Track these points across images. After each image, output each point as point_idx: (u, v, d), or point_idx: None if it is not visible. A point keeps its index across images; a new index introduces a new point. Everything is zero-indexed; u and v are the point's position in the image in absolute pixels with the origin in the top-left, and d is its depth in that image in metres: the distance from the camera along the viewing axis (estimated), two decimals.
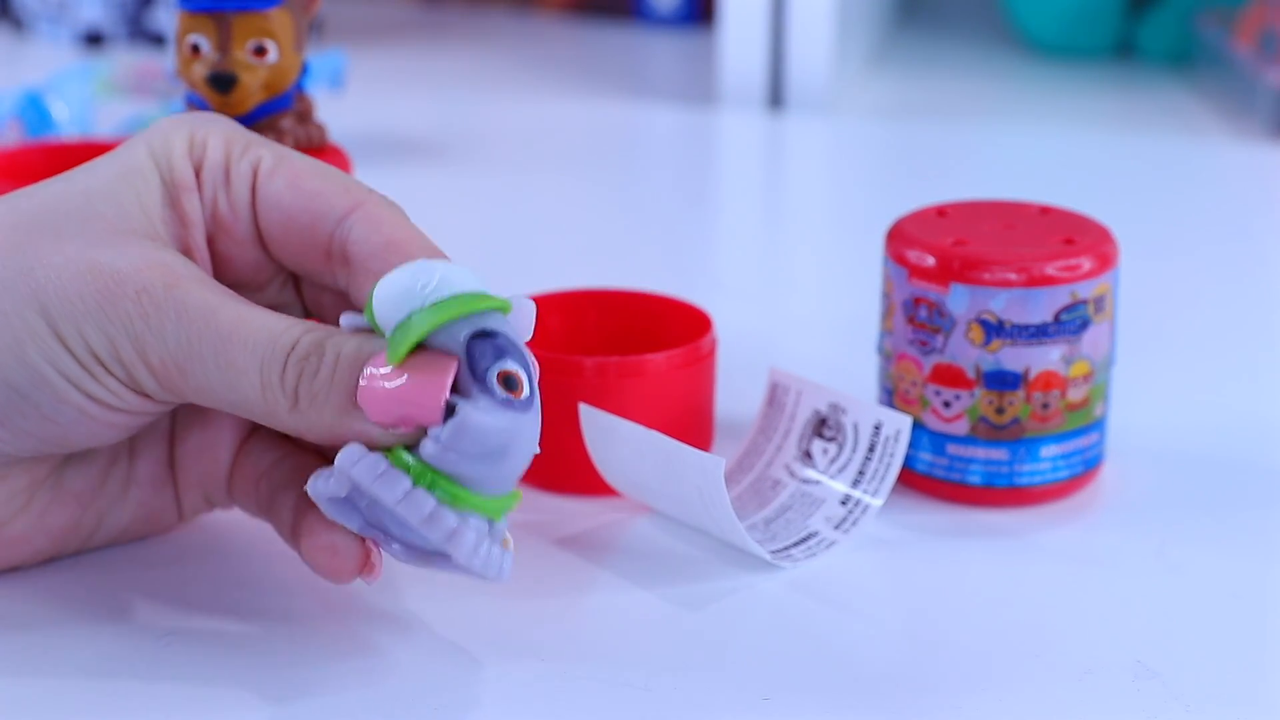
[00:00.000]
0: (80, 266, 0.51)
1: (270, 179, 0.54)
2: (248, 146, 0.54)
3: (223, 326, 0.50)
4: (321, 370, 0.50)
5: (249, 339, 0.50)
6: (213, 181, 0.54)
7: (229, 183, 0.54)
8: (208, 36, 0.63)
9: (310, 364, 0.50)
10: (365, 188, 0.54)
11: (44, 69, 1.05)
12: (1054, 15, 1.22)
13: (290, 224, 0.54)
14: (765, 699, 0.51)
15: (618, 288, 0.68)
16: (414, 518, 0.48)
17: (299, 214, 0.54)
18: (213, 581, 0.56)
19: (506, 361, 0.49)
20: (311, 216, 0.54)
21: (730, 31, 1.09)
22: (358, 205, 0.53)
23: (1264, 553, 0.60)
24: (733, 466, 0.62)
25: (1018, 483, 0.62)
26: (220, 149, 0.54)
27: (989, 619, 0.56)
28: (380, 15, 1.32)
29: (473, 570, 0.49)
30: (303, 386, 0.50)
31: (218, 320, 0.50)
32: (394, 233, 0.53)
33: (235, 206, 0.54)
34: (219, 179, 0.54)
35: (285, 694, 0.51)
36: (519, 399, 0.49)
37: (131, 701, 0.51)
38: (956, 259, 0.61)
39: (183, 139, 0.54)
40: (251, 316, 0.51)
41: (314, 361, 0.50)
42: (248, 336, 0.50)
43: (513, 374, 0.49)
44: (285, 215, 0.54)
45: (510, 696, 0.51)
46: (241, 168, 0.54)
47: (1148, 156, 1.06)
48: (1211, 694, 0.52)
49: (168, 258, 0.51)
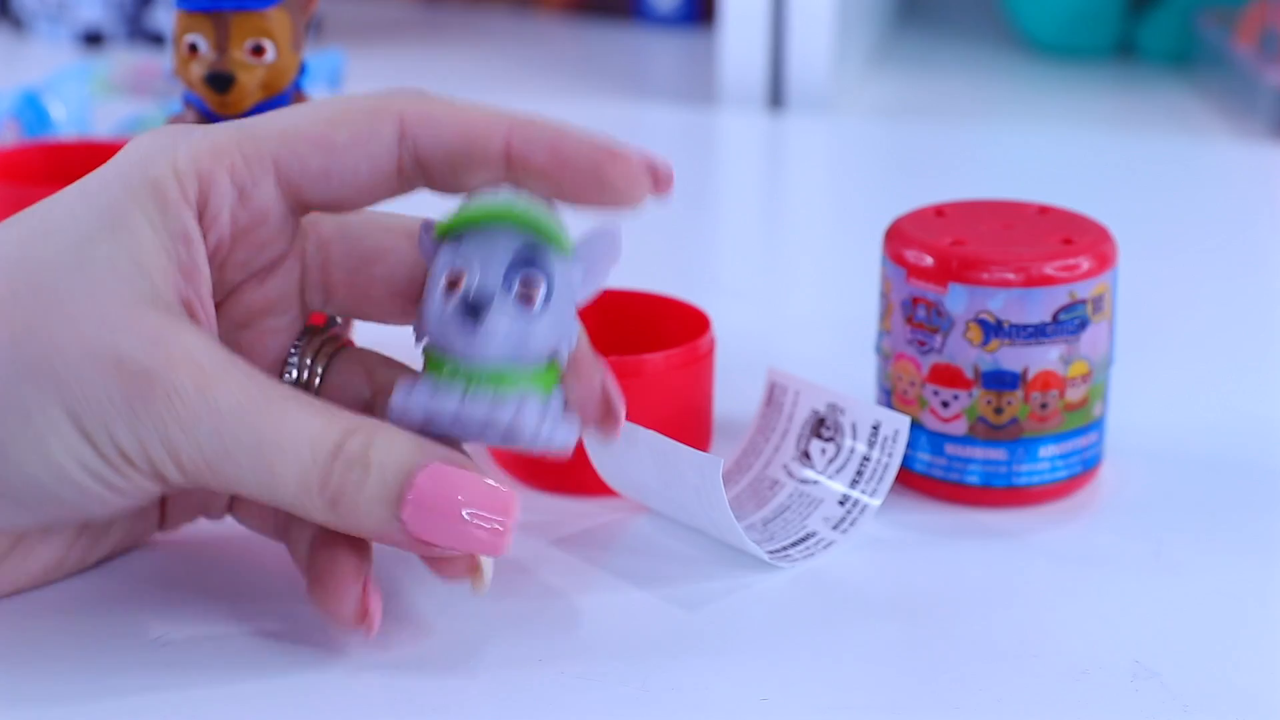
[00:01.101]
0: (104, 360, 0.48)
1: (304, 169, 0.51)
2: (251, 156, 0.51)
3: (260, 430, 0.48)
4: (367, 483, 0.49)
5: (287, 445, 0.49)
6: (228, 209, 0.51)
7: (248, 199, 0.51)
8: (205, 36, 0.63)
9: (354, 475, 0.49)
10: (378, 96, 0.52)
11: (43, 68, 1.05)
12: (1054, 15, 1.22)
13: (352, 185, 0.52)
14: (763, 699, 0.51)
15: (616, 287, 0.67)
16: (475, 430, 0.50)
17: (354, 170, 0.51)
18: (205, 585, 0.56)
19: (529, 279, 0.51)
20: (369, 166, 0.51)
21: (730, 31, 1.09)
22: (399, 118, 0.51)
23: (1262, 553, 0.60)
24: (731, 466, 0.62)
25: (1016, 483, 0.62)
26: (223, 173, 0.51)
27: (987, 619, 0.56)
28: (379, 14, 1.32)
29: (539, 444, 0.51)
30: (343, 497, 0.49)
31: (254, 424, 0.48)
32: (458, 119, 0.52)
33: (261, 211, 0.51)
34: (235, 205, 0.51)
35: (282, 695, 0.51)
36: (532, 306, 0.50)
37: (126, 705, 0.50)
38: (955, 259, 0.61)
39: (170, 182, 0.50)
40: (288, 417, 0.49)
41: (358, 473, 0.49)
42: (286, 442, 0.49)
43: (531, 288, 0.50)
44: (341, 182, 0.52)
45: (508, 696, 0.51)
46: (262, 183, 0.51)
47: (1148, 156, 1.06)
48: (1210, 694, 0.52)
49: (191, 346, 0.49)
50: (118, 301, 0.49)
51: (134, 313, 0.49)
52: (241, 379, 0.49)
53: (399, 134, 0.52)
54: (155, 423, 0.48)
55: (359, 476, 0.49)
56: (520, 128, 0.51)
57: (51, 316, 0.49)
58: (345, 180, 0.52)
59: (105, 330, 0.48)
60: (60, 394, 0.48)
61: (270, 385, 0.50)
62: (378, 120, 0.52)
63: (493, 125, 0.52)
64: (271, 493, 0.49)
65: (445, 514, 0.49)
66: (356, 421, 0.50)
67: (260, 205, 0.52)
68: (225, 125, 0.52)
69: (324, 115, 0.52)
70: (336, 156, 0.51)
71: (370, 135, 0.51)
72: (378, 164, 0.52)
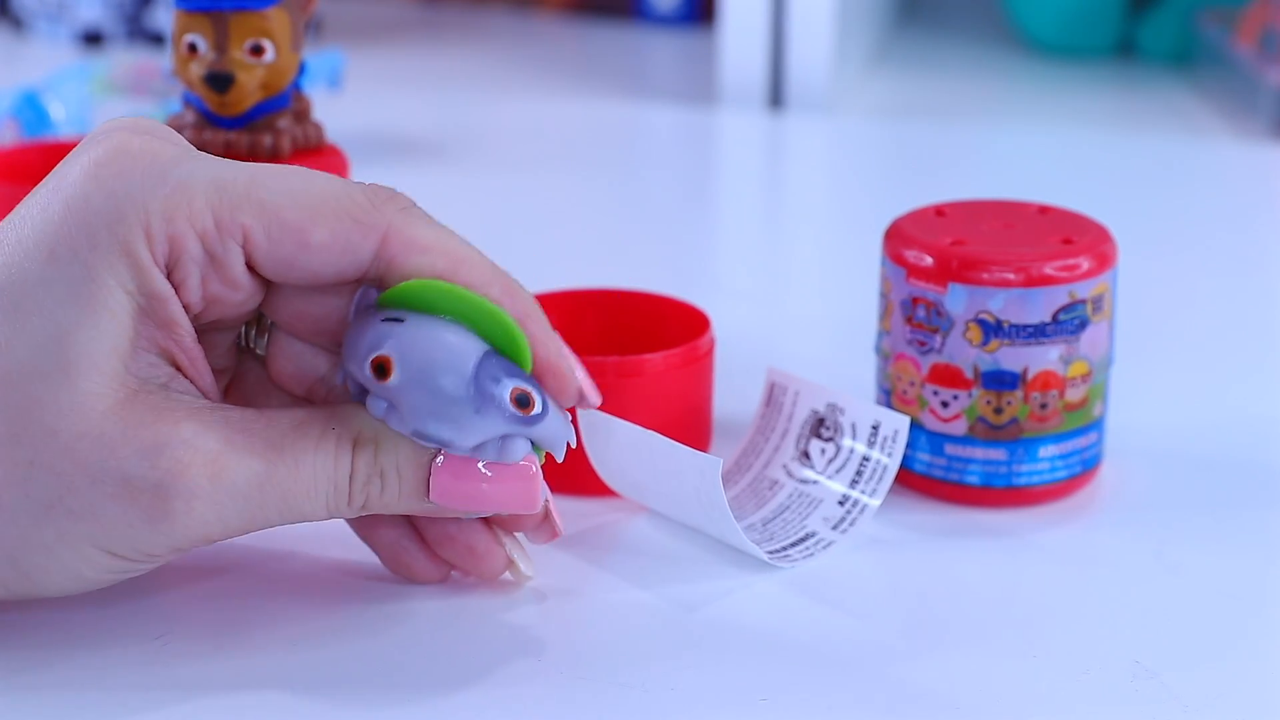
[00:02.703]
0: (114, 488, 0.48)
1: (272, 251, 0.49)
2: (223, 222, 0.49)
3: (280, 488, 0.49)
4: (387, 491, 0.51)
5: (308, 492, 0.50)
6: (198, 272, 0.49)
7: (219, 265, 0.50)
8: (205, 36, 0.63)
9: (374, 488, 0.50)
10: (367, 203, 0.50)
11: (43, 68, 1.05)
12: (1054, 15, 1.21)
13: (314, 278, 0.50)
14: (762, 699, 0.51)
15: (616, 287, 0.67)
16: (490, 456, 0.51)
17: (321, 268, 0.50)
18: (205, 584, 0.56)
19: (517, 380, 0.50)
20: (336, 269, 0.50)
21: (730, 31, 1.09)
22: (381, 237, 0.50)
23: (1262, 553, 0.60)
24: (730, 466, 0.62)
25: (1016, 483, 0.62)
26: (194, 238, 0.49)
27: (987, 619, 0.56)
28: (378, 14, 1.32)
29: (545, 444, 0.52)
30: (371, 506, 0.51)
31: (275, 487, 0.49)
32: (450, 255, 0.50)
33: (232, 281, 0.50)
34: (204, 267, 0.49)
35: (281, 694, 0.51)
36: (530, 414, 0.50)
37: (129, 703, 0.50)
38: (955, 259, 0.61)
39: (141, 244, 0.48)
40: (302, 466, 0.49)
41: (378, 485, 0.50)
42: (305, 492, 0.50)
43: (525, 391, 0.50)
44: (305, 274, 0.50)
45: (507, 696, 0.51)
46: (231, 251, 0.49)
47: (1148, 156, 1.06)
48: (1209, 694, 0.52)
49: (192, 436, 0.48)
50: (109, 410, 0.48)
51: (128, 420, 0.48)
52: (249, 444, 0.49)
53: (377, 252, 0.50)
54: (181, 528, 0.49)
55: (378, 487, 0.51)
56: (503, 293, 0.51)
57: (50, 449, 0.48)
58: (306, 274, 0.50)
59: (106, 454, 0.48)
60: (81, 529, 0.48)
61: (273, 433, 0.50)
62: (360, 233, 0.50)
63: (480, 277, 0.50)
64: (304, 520, 0.51)
65: (470, 485, 0.51)
66: (354, 428, 0.50)
67: (228, 274, 0.50)
68: (203, 167, 0.50)
69: (307, 202, 0.49)
70: (308, 253, 0.50)
71: (348, 246, 0.50)
72: (344, 272, 0.50)
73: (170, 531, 0.49)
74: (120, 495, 0.48)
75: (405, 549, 0.55)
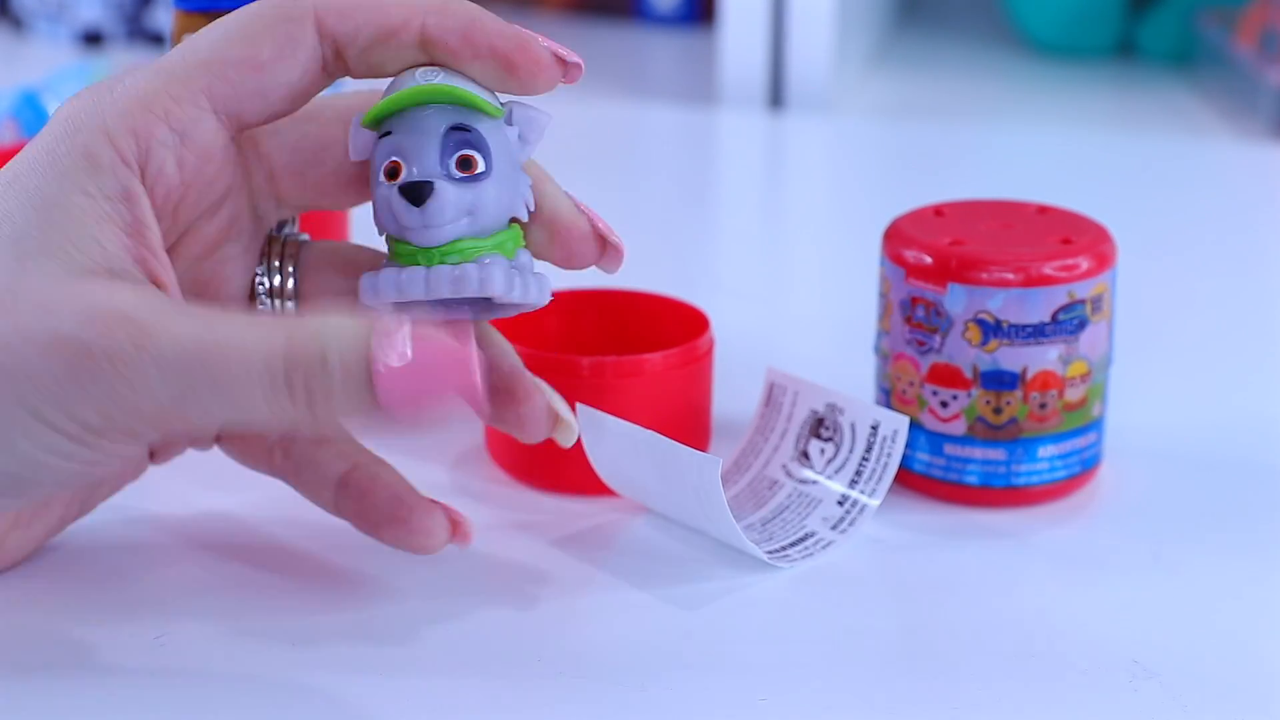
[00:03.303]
0: (42, 343, 0.48)
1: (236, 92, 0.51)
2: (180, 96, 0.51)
3: (208, 363, 0.48)
4: (334, 378, 0.48)
5: (237, 369, 0.48)
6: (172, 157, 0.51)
7: (190, 140, 0.51)
8: None
9: (317, 375, 0.49)
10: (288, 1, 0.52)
11: (43, 68, 1.05)
12: (1054, 15, 1.21)
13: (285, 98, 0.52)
14: (762, 699, 0.51)
15: (616, 287, 0.67)
16: (446, 292, 0.51)
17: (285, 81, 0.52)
18: (205, 582, 0.56)
19: (464, 149, 0.51)
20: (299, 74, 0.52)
21: (730, 31, 1.09)
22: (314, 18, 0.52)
23: (1261, 553, 0.60)
24: (730, 466, 0.62)
25: (1015, 483, 0.62)
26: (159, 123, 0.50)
27: (986, 619, 0.56)
28: None
29: (513, 300, 0.51)
30: (316, 398, 0.49)
31: (201, 359, 0.48)
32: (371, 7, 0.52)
33: (205, 151, 0.51)
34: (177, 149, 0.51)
35: (280, 692, 0.51)
36: (474, 174, 0.51)
37: (130, 703, 0.50)
38: (954, 259, 0.61)
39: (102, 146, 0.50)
40: (231, 342, 0.48)
41: (319, 371, 0.49)
42: (235, 367, 0.48)
43: (469, 156, 0.51)
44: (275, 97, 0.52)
45: (507, 696, 0.51)
46: (199, 120, 0.51)
47: (1148, 156, 1.06)
48: (1209, 694, 0.52)
49: (125, 304, 0.49)
50: (53, 282, 0.49)
51: (70, 289, 0.49)
52: (180, 320, 0.49)
53: (318, 33, 0.52)
54: (106, 390, 0.48)
55: (322, 374, 0.49)
56: (434, 14, 0.52)
57: None
58: (279, 93, 0.52)
59: (41, 313, 0.48)
60: (11, 388, 0.48)
61: (210, 317, 0.49)
62: (295, 26, 0.52)
63: (408, 11, 0.52)
64: (249, 418, 0.49)
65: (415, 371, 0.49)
66: (292, 320, 0.49)
67: (204, 143, 0.51)
68: (145, 70, 0.51)
69: (242, 34, 0.51)
70: (266, 73, 0.51)
71: (293, 42, 0.52)
72: (306, 68, 0.52)
73: (97, 394, 0.48)
74: (48, 351, 0.48)
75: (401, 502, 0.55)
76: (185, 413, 0.49)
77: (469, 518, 0.55)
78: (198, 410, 0.49)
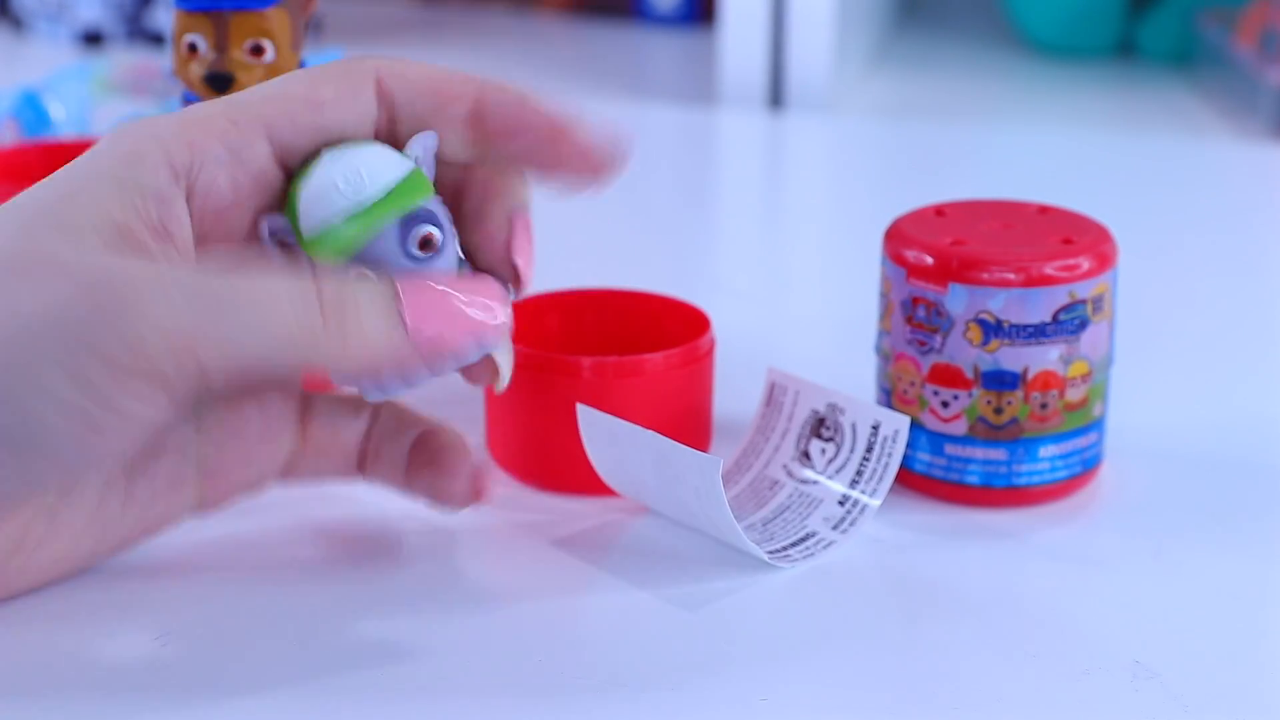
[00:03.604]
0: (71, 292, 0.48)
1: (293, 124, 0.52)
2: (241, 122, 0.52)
3: (234, 282, 0.49)
4: (362, 308, 0.50)
5: (269, 298, 0.49)
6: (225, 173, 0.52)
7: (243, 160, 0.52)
8: (205, 36, 0.63)
9: (348, 307, 0.50)
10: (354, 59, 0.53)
11: (43, 68, 1.05)
12: (1054, 15, 1.22)
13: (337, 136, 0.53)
14: (762, 699, 0.51)
15: (616, 287, 0.67)
16: None
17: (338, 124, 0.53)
18: (205, 582, 0.56)
19: (423, 227, 0.52)
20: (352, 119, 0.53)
21: (730, 31, 1.09)
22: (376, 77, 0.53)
23: (1262, 553, 0.60)
24: (730, 467, 0.62)
25: (1016, 483, 0.62)
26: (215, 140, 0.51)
27: (987, 619, 0.56)
28: (379, 14, 1.32)
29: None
30: (346, 324, 0.50)
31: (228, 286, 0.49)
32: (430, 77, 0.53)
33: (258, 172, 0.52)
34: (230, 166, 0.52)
35: (282, 694, 0.51)
36: (432, 253, 0.52)
37: (130, 703, 0.50)
38: (955, 259, 0.61)
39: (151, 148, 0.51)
40: (257, 276, 0.49)
41: (350, 305, 0.50)
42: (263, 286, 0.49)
43: (429, 235, 0.52)
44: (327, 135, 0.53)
45: (506, 696, 0.51)
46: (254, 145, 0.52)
47: (1148, 156, 1.06)
48: (1210, 694, 0.52)
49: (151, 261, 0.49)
50: (69, 248, 0.48)
51: (85, 256, 0.48)
52: (209, 268, 0.49)
53: (377, 90, 0.53)
54: (134, 320, 0.47)
55: (351, 290, 0.50)
56: (490, 91, 0.53)
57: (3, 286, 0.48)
58: (334, 133, 0.53)
59: (55, 269, 0.48)
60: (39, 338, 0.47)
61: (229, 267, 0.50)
62: (357, 78, 0.53)
63: (463, 85, 0.53)
64: (280, 350, 0.49)
65: (441, 307, 0.51)
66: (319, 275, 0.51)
67: (257, 166, 0.52)
68: (210, 101, 0.53)
69: (307, 77, 0.53)
70: (325, 112, 0.52)
71: (354, 91, 0.53)
72: (362, 119, 0.53)
73: (123, 328, 0.47)
74: (76, 297, 0.47)
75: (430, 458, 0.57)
76: (203, 344, 0.48)
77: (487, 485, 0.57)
78: (217, 338, 0.48)
